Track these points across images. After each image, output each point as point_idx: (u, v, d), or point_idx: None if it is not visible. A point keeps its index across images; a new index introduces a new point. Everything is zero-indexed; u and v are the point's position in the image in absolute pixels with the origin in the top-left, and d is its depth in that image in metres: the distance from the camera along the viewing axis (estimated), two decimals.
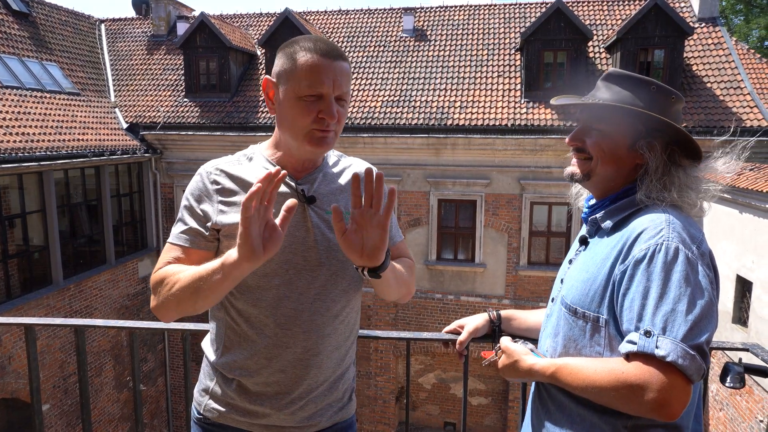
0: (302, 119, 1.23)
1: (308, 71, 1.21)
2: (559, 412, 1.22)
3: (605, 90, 1.26)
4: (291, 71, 1.23)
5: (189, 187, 1.35)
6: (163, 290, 1.23)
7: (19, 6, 12.40)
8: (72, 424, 10.17)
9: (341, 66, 1.24)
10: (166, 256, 1.30)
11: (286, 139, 1.30)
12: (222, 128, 11.97)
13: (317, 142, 1.24)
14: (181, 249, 1.29)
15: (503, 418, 12.24)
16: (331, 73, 1.22)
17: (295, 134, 1.25)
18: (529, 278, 11.25)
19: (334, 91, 1.23)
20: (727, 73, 10.91)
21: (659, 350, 0.99)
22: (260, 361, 1.30)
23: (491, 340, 1.59)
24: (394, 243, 1.49)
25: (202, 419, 1.40)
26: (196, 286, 1.16)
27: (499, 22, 13.28)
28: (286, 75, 1.24)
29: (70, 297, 10.17)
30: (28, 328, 1.58)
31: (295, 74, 1.22)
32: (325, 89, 1.21)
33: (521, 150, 10.78)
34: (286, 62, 1.24)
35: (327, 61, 1.22)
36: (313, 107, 1.22)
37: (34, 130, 9.76)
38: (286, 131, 1.28)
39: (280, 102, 1.27)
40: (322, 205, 1.32)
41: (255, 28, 14.93)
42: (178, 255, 1.29)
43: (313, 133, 1.24)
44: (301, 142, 1.25)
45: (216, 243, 1.31)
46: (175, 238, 1.31)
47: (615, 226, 1.20)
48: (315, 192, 1.32)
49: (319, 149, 1.26)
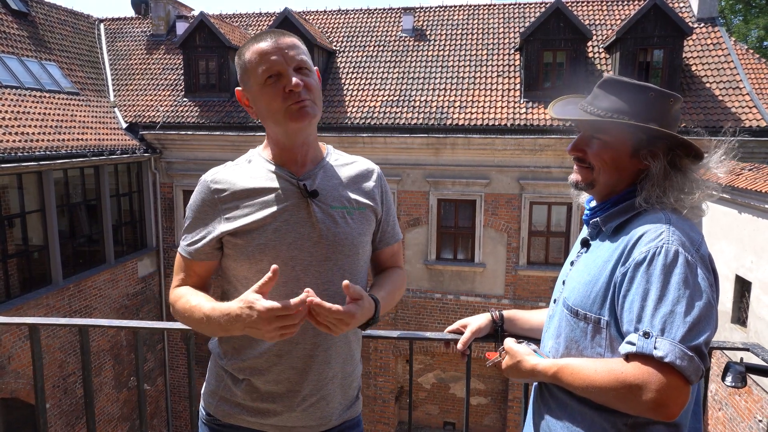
0: (274, 102, 1.26)
1: (257, 60, 1.26)
2: (561, 410, 1.24)
3: (603, 98, 1.25)
4: (246, 69, 1.29)
5: (192, 198, 1.38)
6: (178, 311, 1.34)
7: (18, 5, 12.38)
8: (71, 423, 10.17)
9: (284, 41, 1.28)
10: (178, 268, 1.41)
11: (275, 132, 1.32)
12: (221, 128, 11.97)
13: (297, 114, 1.26)
14: (188, 261, 1.38)
15: (503, 418, 12.26)
16: (276, 51, 1.26)
17: (276, 120, 1.28)
18: (528, 278, 11.27)
19: (288, 63, 1.26)
20: (726, 73, 10.93)
21: (657, 351, 1.01)
22: (270, 358, 1.31)
23: (494, 341, 1.60)
24: (390, 244, 1.49)
25: (211, 420, 1.41)
26: (203, 326, 1.27)
27: (499, 22, 13.29)
28: (245, 76, 1.30)
29: (69, 297, 10.17)
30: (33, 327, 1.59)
31: (249, 69, 1.28)
32: (279, 66, 1.25)
33: (520, 150, 10.79)
34: (240, 65, 1.31)
35: (268, 43, 1.27)
36: (277, 87, 1.26)
37: (34, 129, 9.76)
38: (269, 123, 1.31)
39: (253, 101, 1.31)
40: (325, 200, 1.32)
41: (254, 27, 14.93)
42: (186, 267, 1.39)
43: (290, 109, 1.26)
44: (285, 124, 1.27)
45: (219, 253, 1.35)
46: (182, 250, 1.38)
47: (616, 229, 1.22)
48: (317, 186, 1.33)
49: (302, 121, 1.27)
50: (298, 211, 1.29)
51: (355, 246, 1.34)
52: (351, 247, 1.33)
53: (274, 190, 1.31)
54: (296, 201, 1.30)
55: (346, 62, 13.03)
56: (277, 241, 1.27)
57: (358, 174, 1.42)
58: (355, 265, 1.34)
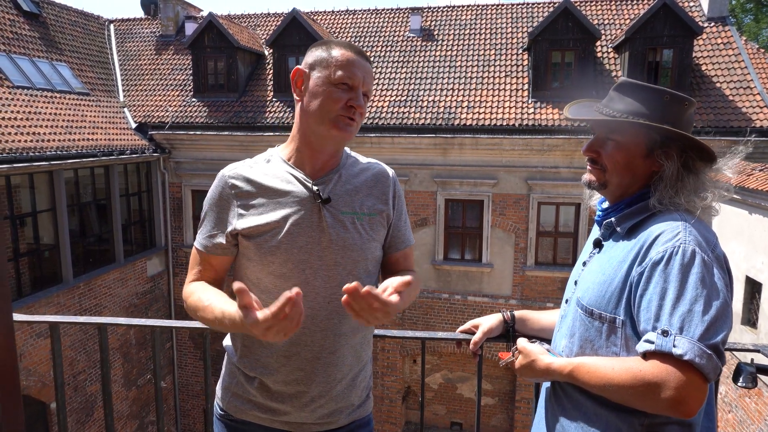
0: (332, 104, 1.29)
1: (344, 62, 1.30)
2: (575, 410, 1.24)
3: (618, 100, 1.27)
4: (326, 60, 1.31)
5: (209, 193, 1.40)
6: (189, 308, 1.36)
7: (30, 6, 12.50)
8: (81, 421, 10.27)
9: (369, 67, 1.35)
10: (194, 262, 1.42)
11: (309, 129, 1.34)
12: (230, 128, 12.03)
13: (343, 127, 1.30)
14: (204, 255, 1.40)
15: (510, 419, 12.24)
16: (362, 69, 1.31)
17: (321, 119, 1.30)
18: (536, 278, 11.24)
19: (363, 85, 1.31)
20: (736, 72, 10.85)
21: (676, 349, 1.02)
22: (279, 359, 1.33)
23: (505, 341, 1.61)
24: (401, 248, 1.49)
25: (225, 416, 1.44)
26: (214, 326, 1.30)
27: (507, 21, 13.26)
28: (320, 63, 1.32)
29: (80, 295, 10.26)
30: (54, 326, 1.62)
31: (331, 63, 1.30)
32: (357, 81, 1.30)
33: (529, 150, 10.77)
34: (322, 53, 1.33)
35: (359, 59, 1.32)
36: (343, 94, 1.29)
37: (45, 129, 9.85)
38: (311, 118, 1.32)
39: (310, 89, 1.32)
40: (337, 206, 1.34)
41: (263, 28, 14.98)
42: (202, 261, 1.40)
43: (340, 119, 1.30)
44: (327, 128, 1.30)
45: (235, 249, 1.37)
46: (199, 244, 1.41)
47: (630, 229, 1.23)
48: (330, 192, 1.35)
49: (342, 135, 1.31)
50: (310, 216, 1.32)
51: (364, 251, 1.36)
52: (360, 252, 1.35)
53: (288, 192, 1.33)
54: (309, 205, 1.33)
55: None
56: (289, 244, 1.30)
57: (372, 179, 1.43)
58: (364, 270, 1.36)
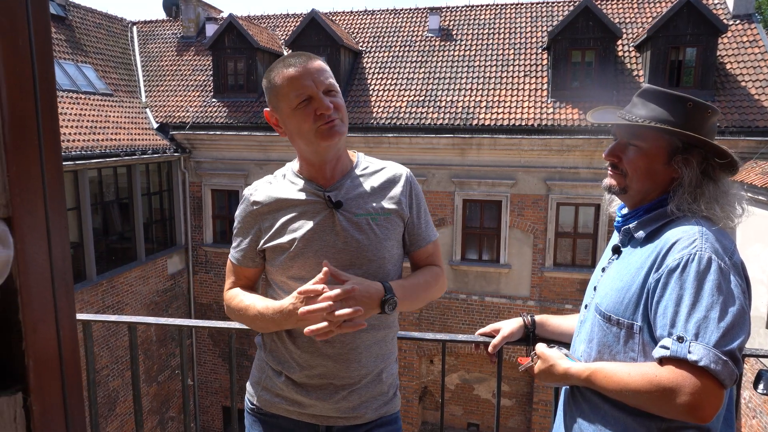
0: (305, 124, 1.33)
1: (288, 85, 1.33)
2: (594, 413, 1.26)
3: (642, 107, 1.28)
4: (276, 93, 1.35)
5: (237, 209, 1.51)
6: (233, 310, 1.49)
7: (56, 10, 12.80)
8: (103, 416, 10.48)
9: (313, 65, 1.34)
10: (229, 272, 1.55)
11: (305, 150, 1.40)
12: (249, 128, 12.16)
13: (327, 134, 1.33)
14: (236, 267, 1.52)
15: (527, 420, 12.17)
16: (307, 76, 1.32)
17: (307, 140, 1.36)
18: (554, 279, 11.15)
19: (318, 88, 1.33)
20: (762, 71, 10.62)
21: (692, 355, 1.03)
22: (303, 356, 1.40)
23: (525, 345, 1.62)
24: (423, 245, 1.53)
25: (255, 409, 1.52)
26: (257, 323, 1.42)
27: (526, 21, 13.17)
28: (275, 99, 1.36)
29: (102, 292, 10.48)
30: (86, 323, 1.68)
31: (280, 93, 1.34)
32: (310, 90, 1.32)
33: (548, 150, 10.69)
34: (270, 89, 1.37)
35: (299, 68, 1.33)
36: (308, 110, 1.32)
37: (70, 130, 10.08)
38: (299, 142, 1.39)
39: (284, 123, 1.38)
40: (349, 209, 1.40)
41: (282, 28, 15.11)
42: (236, 271, 1.53)
43: (320, 129, 1.33)
44: (315, 144, 1.35)
45: (262, 261, 1.48)
46: (232, 257, 1.52)
47: (648, 236, 1.24)
48: (343, 197, 1.41)
49: (332, 140, 1.34)
50: (324, 221, 1.38)
51: (380, 251, 1.40)
52: (375, 252, 1.39)
53: (303, 202, 1.41)
54: (323, 212, 1.39)
55: (372, 62, 13.09)
56: (305, 249, 1.37)
57: (385, 180, 1.47)
58: (381, 270, 1.40)
